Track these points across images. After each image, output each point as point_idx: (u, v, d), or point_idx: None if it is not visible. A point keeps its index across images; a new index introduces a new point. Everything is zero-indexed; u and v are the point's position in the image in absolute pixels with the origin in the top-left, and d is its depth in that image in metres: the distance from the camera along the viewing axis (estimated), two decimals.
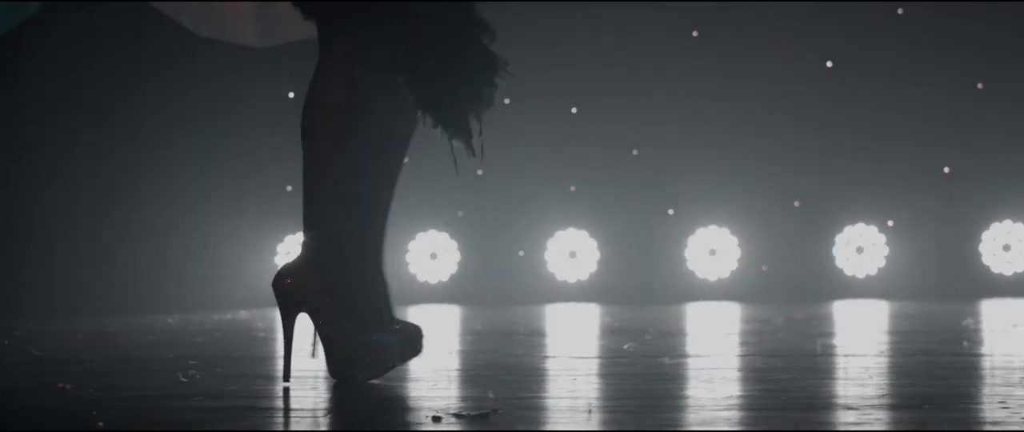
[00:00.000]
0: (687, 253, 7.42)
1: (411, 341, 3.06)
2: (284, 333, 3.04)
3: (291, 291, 3.01)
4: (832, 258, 7.40)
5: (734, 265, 7.41)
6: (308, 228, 3.03)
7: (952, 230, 7.37)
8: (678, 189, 7.43)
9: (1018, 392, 2.74)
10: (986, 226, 7.35)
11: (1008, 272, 7.32)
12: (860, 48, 7.34)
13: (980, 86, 7.34)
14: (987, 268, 7.35)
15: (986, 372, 3.19)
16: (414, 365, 3.34)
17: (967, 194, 7.35)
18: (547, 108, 7.41)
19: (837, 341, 4.31)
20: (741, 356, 3.74)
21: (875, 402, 2.59)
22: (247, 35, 6.87)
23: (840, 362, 3.51)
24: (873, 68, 7.32)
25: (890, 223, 7.38)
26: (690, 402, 2.66)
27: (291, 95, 7.44)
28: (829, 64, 7.38)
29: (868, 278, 7.36)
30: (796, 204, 7.42)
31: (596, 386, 2.99)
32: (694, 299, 7.25)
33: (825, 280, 7.37)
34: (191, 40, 6.91)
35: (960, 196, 7.36)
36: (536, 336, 4.76)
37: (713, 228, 7.41)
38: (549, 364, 3.56)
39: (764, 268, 7.42)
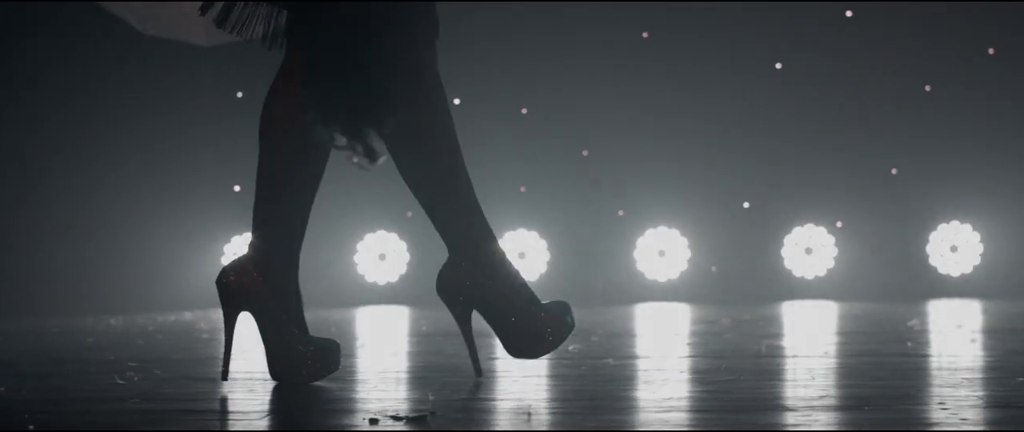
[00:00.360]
0: (636, 254, 7.41)
1: (334, 353, 3.05)
2: (225, 331, 3.02)
3: (235, 289, 2.99)
4: (781, 259, 7.41)
5: (684, 266, 7.41)
6: (255, 228, 3.04)
7: (900, 231, 7.38)
8: (628, 190, 7.42)
9: (958, 393, 2.73)
10: (933, 227, 7.38)
11: (955, 273, 7.34)
12: (809, 50, 7.35)
13: (927, 88, 7.36)
14: (934, 269, 7.37)
15: (928, 373, 3.18)
16: (360, 366, 3.30)
17: (915, 195, 7.37)
18: (497, 109, 7.39)
19: (783, 342, 4.30)
20: (685, 357, 3.73)
21: (815, 403, 2.58)
22: (194, 34, 6.82)
23: (784, 363, 3.50)
24: (822, 70, 7.33)
25: (839, 224, 7.40)
26: (630, 403, 2.64)
27: (239, 95, 7.40)
28: (778, 66, 7.38)
29: (817, 279, 7.37)
30: (745, 205, 7.43)
31: (538, 388, 2.96)
32: (643, 300, 7.24)
33: (774, 281, 7.37)
34: (136, 39, 6.85)
35: (908, 197, 7.38)
36: (482, 337, 4.73)
37: (663, 229, 7.41)
38: (493, 365, 3.54)
39: (714, 269, 7.41)
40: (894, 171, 7.37)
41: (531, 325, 3.00)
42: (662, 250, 7.40)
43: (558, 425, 2.35)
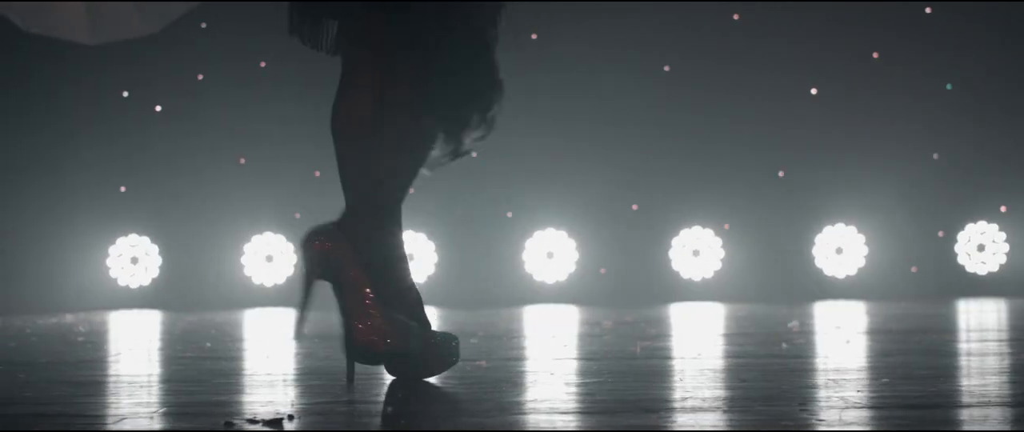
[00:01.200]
0: (526, 256, 7.41)
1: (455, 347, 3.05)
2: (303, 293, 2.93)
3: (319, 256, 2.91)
4: (669, 261, 7.44)
5: (572, 268, 7.41)
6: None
7: (786, 233, 7.43)
8: (517, 193, 7.42)
9: (822, 394, 2.74)
10: (819, 229, 7.43)
11: (841, 274, 7.40)
12: (697, 52, 7.39)
13: (814, 91, 7.42)
14: (820, 271, 7.42)
15: (797, 374, 3.20)
16: (226, 369, 3.27)
17: (801, 198, 7.42)
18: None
19: (660, 344, 4.30)
20: (560, 359, 3.72)
21: (676, 405, 2.58)
22: (79, 33, 6.74)
23: (656, 365, 3.50)
24: (710, 73, 7.37)
25: (726, 226, 7.44)
26: (494, 406, 2.63)
27: (125, 94, 7.32)
28: (667, 68, 7.41)
29: (704, 281, 7.40)
30: (634, 207, 7.45)
31: (404, 391, 2.94)
32: (532, 302, 7.23)
33: (662, 283, 7.40)
34: (18, 37, 6.76)
35: (794, 200, 7.43)
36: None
37: (551, 231, 7.41)
38: (365, 369, 3.51)
39: (602, 271, 7.43)
40: (781, 173, 7.42)
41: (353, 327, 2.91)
42: (551, 252, 7.40)
43: (416, 426, 2.34)
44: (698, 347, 4.14)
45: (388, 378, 3.14)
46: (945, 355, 3.71)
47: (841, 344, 4.15)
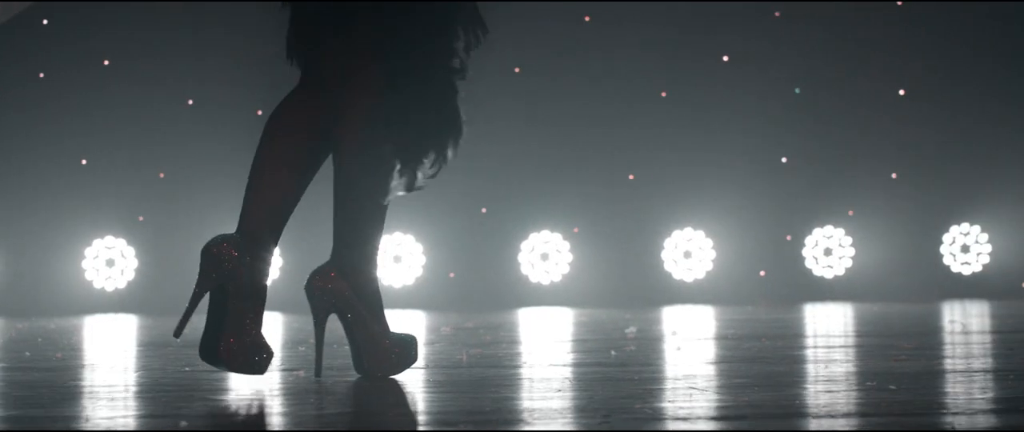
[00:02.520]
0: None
1: (413, 348, 3.31)
2: (316, 333, 3.25)
3: (323, 293, 3.23)
4: (518, 265, 7.39)
5: (419, 272, 7.34)
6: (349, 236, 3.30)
7: (636, 237, 7.42)
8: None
9: (633, 404, 2.69)
10: (668, 233, 7.42)
11: (689, 279, 7.40)
12: (548, 54, 7.35)
13: (663, 94, 7.41)
14: (669, 274, 7.41)
15: (613, 383, 3.15)
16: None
17: (651, 201, 7.41)
18: (230, 114, 7.25)
19: (491, 351, 4.24)
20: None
21: (471, 417, 2.52)
22: None
23: (478, 373, 3.44)
24: (560, 75, 7.33)
25: (575, 230, 7.40)
26: (282, 418, 2.56)
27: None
28: (517, 70, 7.37)
29: (553, 285, 7.36)
30: (483, 211, 7.39)
31: (234, 398, 2.86)
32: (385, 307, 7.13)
33: (511, 287, 7.35)
34: None
35: (644, 203, 7.42)
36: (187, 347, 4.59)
37: (398, 235, 7.33)
38: (197, 376, 3.42)
39: (451, 275, 7.36)
40: (631, 177, 7.40)
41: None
42: (397, 256, 7.32)
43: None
44: (528, 354, 4.09)
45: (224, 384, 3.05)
46: (772, 362, 3.68)
47: (672, 351, 4.12)
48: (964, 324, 5.24)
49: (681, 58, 7.37)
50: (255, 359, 3.17)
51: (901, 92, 7.47)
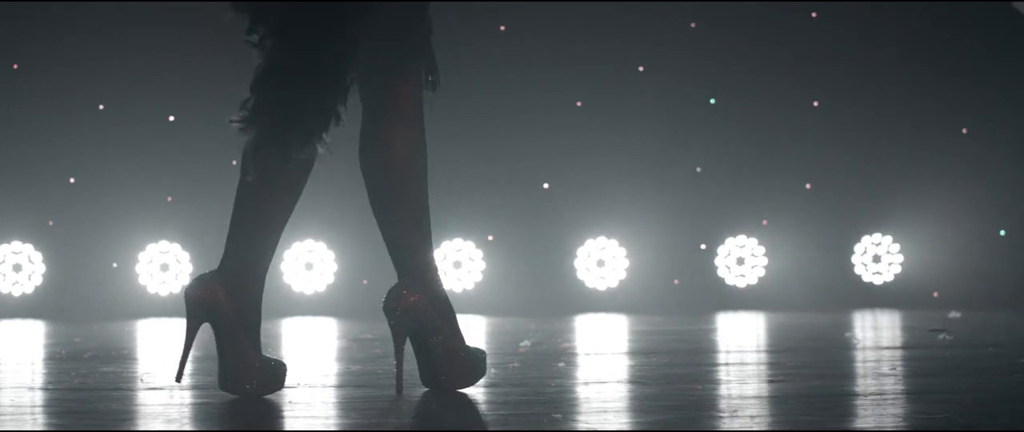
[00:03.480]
0: (284, 267, 7.29)
1: (281, 373, 3.32)
2: (185, 338, 3.25)
3: (199, 302, 3.26)
4: None
5: (331, 279, 7.31)
6: (230, 248, 3.33)
7: (550, 245, 7.41)
8: (133, 203, 7.29)
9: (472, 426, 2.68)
10: (581, 241, 7.42)
11: (602, 287, 7.40)
12: (462, 62, 7.32)
13: (578, 104, 7.40)
14: (582, 283, 7.41)
15: (458, 408, 3.14)
16: None
17: (565, 210, 7.40)
18: (143, 119, 7.21)
19: (370, 366, 4.22)
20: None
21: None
22: None
23: (337, 380, 3.43)
24: (475, 84, 7.31)
25: (490, 238, 7.39)
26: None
27: None
28: (430, 78, 7.33)
29: (466, 292, 7.35)
30: None
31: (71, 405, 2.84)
32: (291, 314, 7.11)
33: None
34: None
35: (558, 212, 7.41)
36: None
37: (309, 242, 7.30)
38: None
39: (364, 282, 7.34)
40: (546, 186, 7.40)
41: (455, 361, 3.32)
42: (309, 262, 7.29)
43: None
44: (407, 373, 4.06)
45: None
46: (646, 382, 3.68)
47: (555, 367, 4.11)
48: (858, 338, 5.26)
49: (596, 68, 7.37)
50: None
51: (815, 104, 7.49)
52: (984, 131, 7.50)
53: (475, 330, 5.89)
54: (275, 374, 3.29)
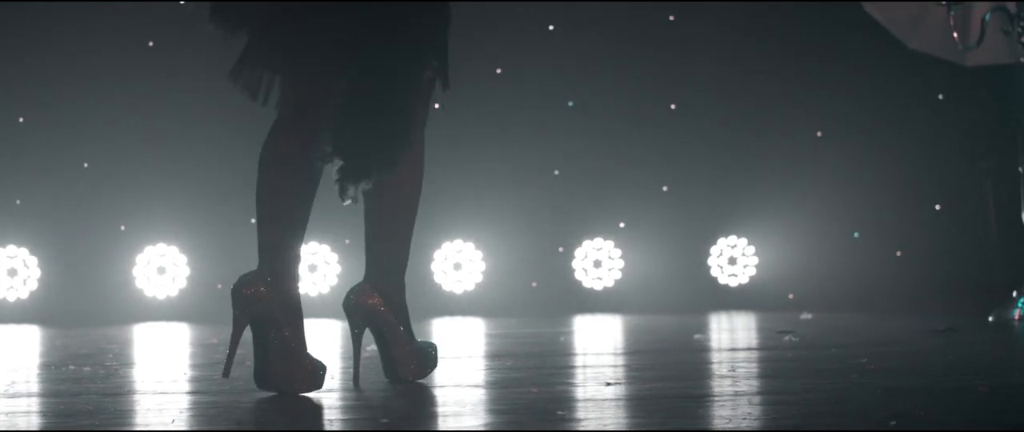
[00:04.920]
0: (136, 271, 7.19)
1: (322, 372, 3.54)
2: (232, 336, 3.43)
3: (249, 300, 3.44)
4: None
5: (183, 284, 7.21)
6: (266, 249, 3.57)
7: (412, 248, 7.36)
8: (128, 203, 7.20)
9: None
10: (439, 245, 7.39)
11: (459, 290, 7.37)
12: None
13: (437, 105, 7.36)
14: (439, 286, 7.39)
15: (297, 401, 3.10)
16: None
17: (423, 213, 7.34)
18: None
19: (205, 373, 4.17)
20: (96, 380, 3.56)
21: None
22: None
23: (173, 385, 3.37)
24: None
25: (347, 242, 7.33)
26: None
27: None
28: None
29: (321, 296, 7.29)
30: (252, 222, 7.28)
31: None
32: (143, 319, 7.00)
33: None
34: None
35: (418, 216, 7.35)
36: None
37: (161, 246, 7.20)
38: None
39: (219, 286, 7.25)
40: None
41: (409, 353, 3.64)
42: (161, 266, 7.19)
43: None
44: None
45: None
46: (487, 386, 3.66)
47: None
48: (706, 340, 5.28)
49: (454, 70, 7.32)
50: (313, 377, 3.47)
51: (672, 107, 7.52)
52: (837, 134, 7.58)
53: (330, 335, 5.84)
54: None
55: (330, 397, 3.40)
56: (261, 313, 3.44)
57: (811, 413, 3.00)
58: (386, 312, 3.65)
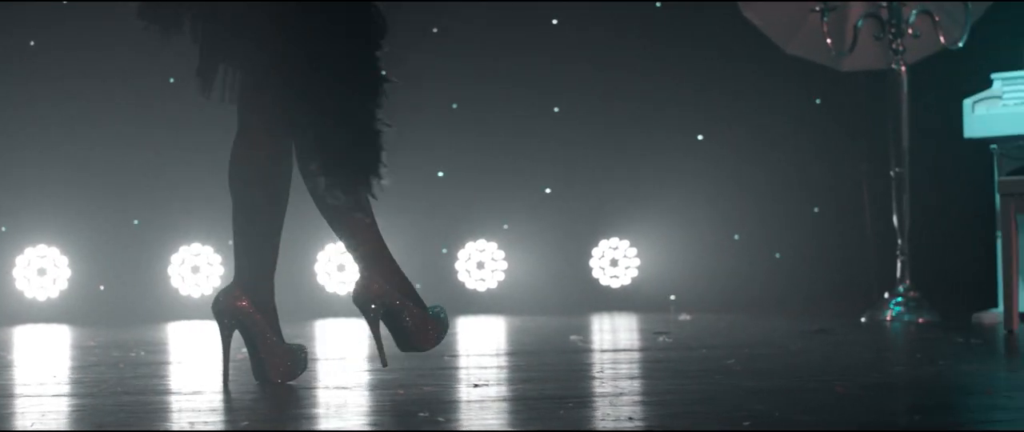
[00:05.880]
0: (16, 273, 7.13)
1: (303, 356, 3.79)
2: (222, 346, 3.71)
3: (227, 311, 3.67)
4: (168, 278, 7.27)
5: (64, 285, 7.17)
6: (240, 259, 3.78)
7: (291, 249, 7.34)
8: (5, 205, 7.14)
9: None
10: (322, 246, 7.40)
11: (342, 291, 7.38)
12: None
13: None
14: (322, 287, 7.39)
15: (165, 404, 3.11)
16: None
17: (304, 215, 7.34)
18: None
19: (76, 375, 4.15)
20: None
21: None
22: None
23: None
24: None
25: (230, 242, 7.31)
26: None
27: None
28: (172, 80, 7.25)
29: (203, 298, 7.26)
30: (135, 223, 7.26)
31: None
32: (23, 322, 6.95)
33: (162, 301, 7.22)
34: None
35: (299, 217, 7.34)
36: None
37: (42, 248, 7.15)
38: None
39: (102, 288, 7.21)
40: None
41: (279, 355, 3.72)
42: (42, 269, 7.14)
43: None
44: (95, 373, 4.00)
45: None
46: (350, 388, 3.68)
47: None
48: (582, 341, 5.32)
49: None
50: (295, 363, 3.73)
51: (556, 109, 7.57)
52: (718, 137, 7.66)
53: (197, 335, 5.83)
54: (300, 356, 3.77)
55: (197, 399, 3.41)
56: (243, 323, 3.68)
57: (669, 414, 3.05)
58: (254, 314, 3.70)
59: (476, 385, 3.68)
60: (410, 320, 3.76)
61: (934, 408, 3.13)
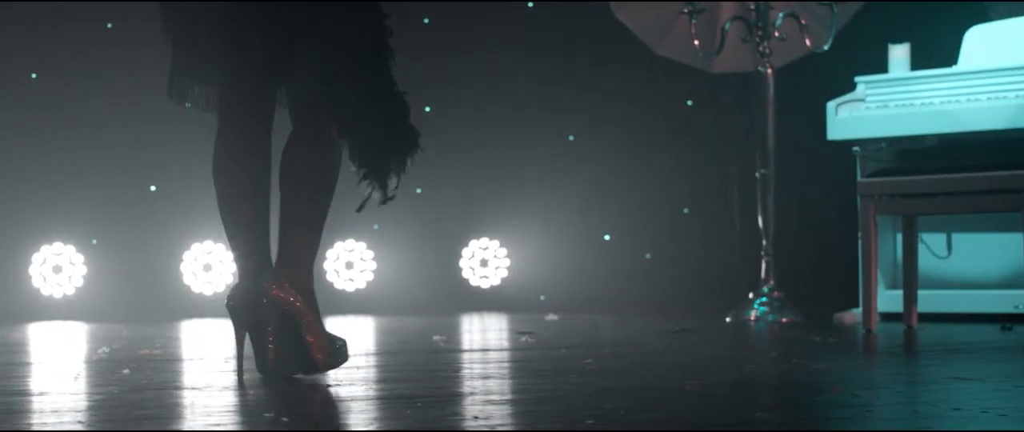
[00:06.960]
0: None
1: (345, 347, 3.76)
2: (237, 342, 3.70)
3: (271, 302, 3.57)
4: (29, 278, 7.17)
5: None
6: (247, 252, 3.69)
7: (154, 250, 7.29)
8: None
9: None
10: (188, 246, 7.33)
11: (208, 292, 7.31)
12: (63, 60, 7.16)
13: (187, 104, 7.28)
14: (188, 287, 7.32)
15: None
16: None
17: (172, 214, 7.29)
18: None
19: None
20: None
21: None
22: None
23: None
24: (80, 80, 7.15)
25: (94, 241, 7.23)
26: None
27: None
28: (35, 75, 7.15)
29: (66, 298, 7.17)
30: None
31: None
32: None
33: (20, 301, 7.12)
34: None
35: (165, 216, 7.29)
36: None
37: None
38: None
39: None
40: (153, 188, 7.28)
41: (326, 343, 3.67)
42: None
43: None
44: None
45: None
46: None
47: (122, 374, 4.03)
48: (444, 340, 5.31)
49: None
50: (343, 350, 3.72)
51: (427, 109, 7.55)
52: (589, 138, 7.68)
53: (69, 335, 5.75)
54: (342, 349, 3.72)
55: (223, 396, 3.35)
56: (261, 315, 3.59)
57: (516, 412, 3.03)
58: (297, 302, 3.63)
59: (329, 386, 3.65)
60: (310, 337, 3.66)
61: (780, 406, 3.15)
